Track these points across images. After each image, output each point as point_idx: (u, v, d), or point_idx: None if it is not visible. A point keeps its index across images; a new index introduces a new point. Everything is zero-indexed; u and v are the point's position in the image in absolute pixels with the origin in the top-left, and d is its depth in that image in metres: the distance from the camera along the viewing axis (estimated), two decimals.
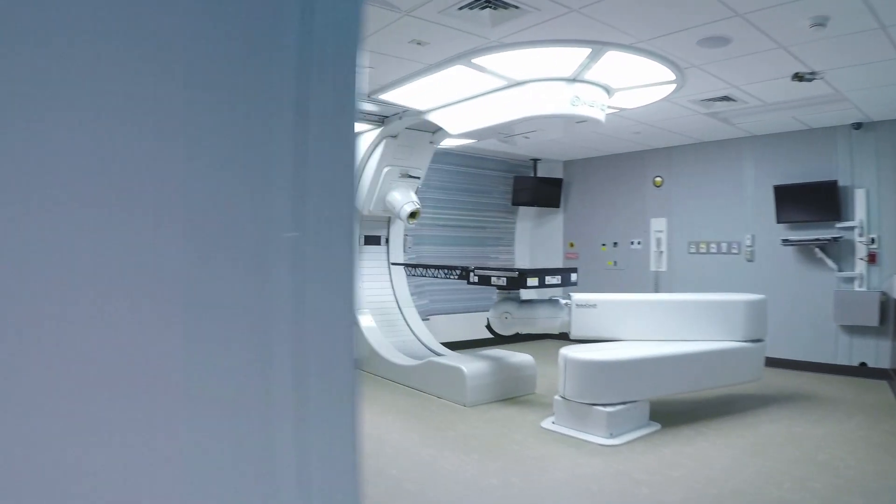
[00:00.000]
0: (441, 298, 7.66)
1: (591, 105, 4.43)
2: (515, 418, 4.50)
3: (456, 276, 5.21)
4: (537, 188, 8.35)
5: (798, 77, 4.21)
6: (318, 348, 0.75)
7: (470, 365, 4.99)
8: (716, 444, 3.85)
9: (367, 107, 5.43)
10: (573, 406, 4.15)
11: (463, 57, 4.01)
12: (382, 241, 6.81)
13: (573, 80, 4.34)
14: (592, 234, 8.23)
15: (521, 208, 8.55)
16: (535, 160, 8.48)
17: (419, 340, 6.39)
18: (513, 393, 5.12)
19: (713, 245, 7.00)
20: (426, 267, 5.72)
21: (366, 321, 6.18)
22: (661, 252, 7.44)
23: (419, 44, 3.80)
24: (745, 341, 4.56)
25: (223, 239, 0.70)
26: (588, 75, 4.27)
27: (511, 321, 4.94)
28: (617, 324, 4.74)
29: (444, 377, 5.07)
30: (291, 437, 0.76)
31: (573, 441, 3.95)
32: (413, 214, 6.13)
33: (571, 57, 3.96)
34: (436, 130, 6.09)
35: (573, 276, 4.94)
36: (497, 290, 5.03)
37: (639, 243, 7.70)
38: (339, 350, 0.78)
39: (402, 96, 4.95)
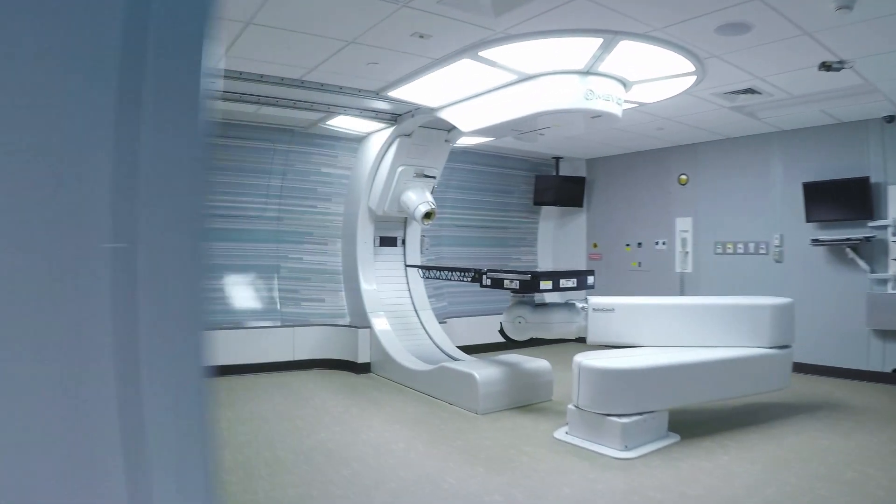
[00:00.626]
0: (461, 301, 7.52)
1: (607, 99, 4.23)
2: (528, 428, 4.33)
3: (469, 279, 5.06)
4: (559, 187, 8.13)
5: (825, 66, 3.91)
6: (153, 364, 0.64)
7: (483, 371, 4.84)
8: (737, 458, 3.61)
9: (379, 104, 5.34)
10: (587, 416, 3.96)
11: (469, 50, 3.86)
12: (399, 242, 6.71)
13: (587, 73, 4.14)
14: (616, 234, 7.98)
15: (544, 208, 8.35)
16: (558, 158, 8.25)
17: (435, 344, 6.26)
18: (528, 400, 4.95)
19: (740, 245, 6.69)
20: (439, 269, 5.59)
21: (380, 324, 6.09)
22: (687, 253, 7.14)
23: (421, 37, 3.68)
24: (772, 347, 4.29)
25: (23, 246, 0.58)
26: (602, 68, 4.08)
27: (525, 326, 4.77)
28: (635, 329, 4.52)
29: (456, 383, 4.93)
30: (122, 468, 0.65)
31: (586, 453, 3.76)
32: (428, 215, 6.01)
33: (582, 48, 3.77)
34: (451, 129, 5.97)
35: (590, 279, 4.73)
36: (511, 294, 4.87)
37: (663, 244, 7.41)
38: (180, 366, 0.66)
39: (411, 93, 4.84)
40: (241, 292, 6.16)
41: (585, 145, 7.41)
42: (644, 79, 4.35)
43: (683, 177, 7.19)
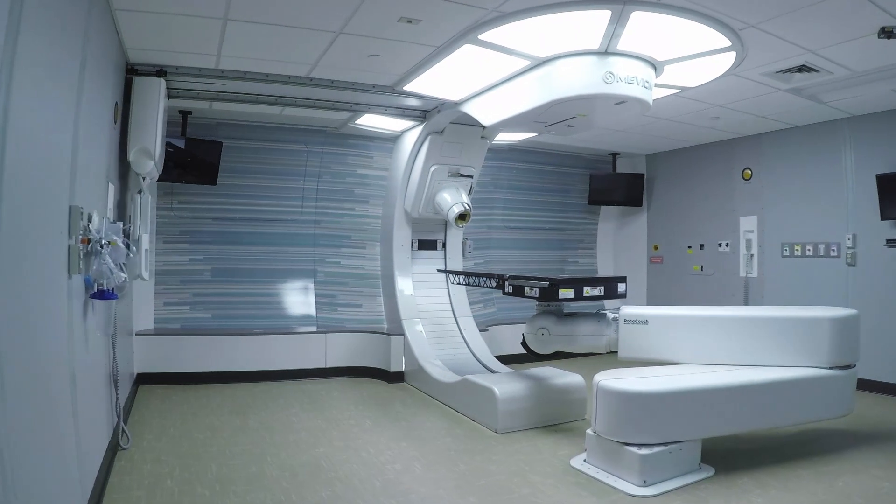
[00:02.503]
0: (511, 306, 7.11)
1: (630, 82, 3.71)
2: (545, 452, 3.91)
3: (493, 285, 4.70)
4: (616, 185, 7.51)
5: (886, 33, 3.17)
6: None
7: (504, 386, 4.47)
8: (776, 500, 3.01)
9: (401, 100, 5.12)
10: (605, 444, 3.49)
11: (467, 34, 3.54)
12: (439, 245, 6.46)
13: (605, 53, 3.66)
14: (677, 235, 7.26)
15: (603, 208, 7.74)
16: (615, 154, 7.62)
17: (472, 354, 5.94)
18: (557, 419, 4.51)
19: (809, 247, 5.85)
20: (467, 274, 5.27)
21: (413, 332, 5.86)
22: (752, 255, 6.28)
23: (409, 21, 3.41)
24: (831, 368, 3.60)
25: None
26: (622, 46, 3.58)
27: (548, 338, 4.34)
28: (673, 343, 3.96)
29: (477, 398, 4.60)
30: None
31: (598, 487, 3.30)
32: (462, 216, 5.71)
33: (591, 24, 3.31)
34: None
35: (621, 287, 4.20)
36: (537, 302, 4.46)
37: (727, 245, 6.59)
38: None
39: (427, 86, 4.59)
40: (278, 297, 6.19)
41: (643, 140, 6.77)
42: (673, 58, 3.78)
43: (748, 171, 6.35)
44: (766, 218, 6.32)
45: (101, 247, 3.01)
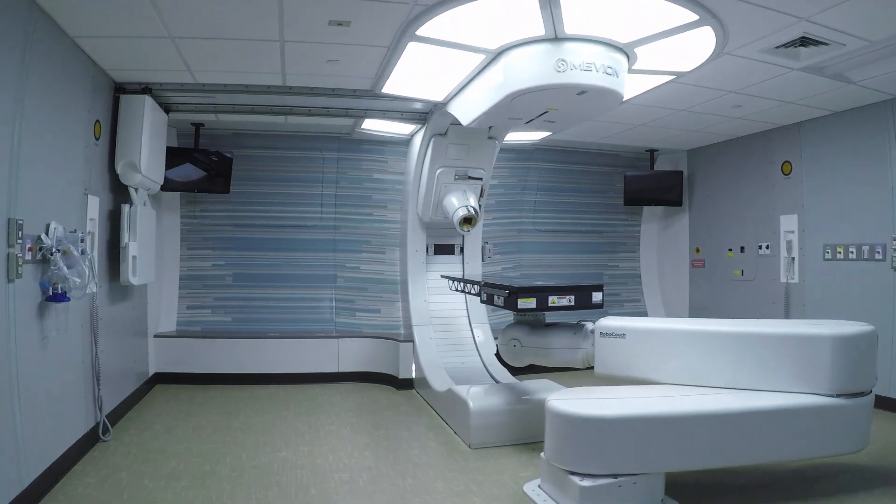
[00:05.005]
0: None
1: (587, 69, 3.44)
2: (507, 472, 3.72)
3: (475, 292, 4.56)
4: (653, 184, 6.97)
5: None
6: None
7: (480, 399, 4.32)
8: None
9: (400, 104, 5.12)
10: (554, 470, 3.26)
11: (405, 30, 3.48)
12: (457, 250, 6.38)
13: (555, 39, 3.43)
14: (719, 236, 6.61)
15: (647, 208, 7.21)
16: (652, 151, 7.05)
17: (482, 362, 5.80)
18: (539, 436, 4.22)
19: (852, 249, 5.06)
20: (464, 281, 5.16)
21: (421, 338, 5.83)
22: (793, 259, 5.50)
23: (340, 24, 3.42)
24: (837, 395, 3.06)
25: None
26: (571, 29, 3.33)
27: (520, 350, 4.14)
28: (651, 361, 3.60)
29: (457, 409, 4.49)
30: None
31: None
32: (468, 221, 5.59)
33: (523, 6, 3.12)
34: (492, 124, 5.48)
35: (596, 296, 3.88)
36: (514, 312, 4.25)
37: (767, 248, 5.84)
38: None
39: (404, 88, 4.57)
40: (297, 302, 6.44)
41: (677, 134, 6.25)
42: (638, 38, 3.45)
43: (787, 164, 5.60)
44: (807, 216, 5.60)
45: (52, 254, 3.35)
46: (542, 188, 7.05)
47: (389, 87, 4.55)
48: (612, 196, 7.19)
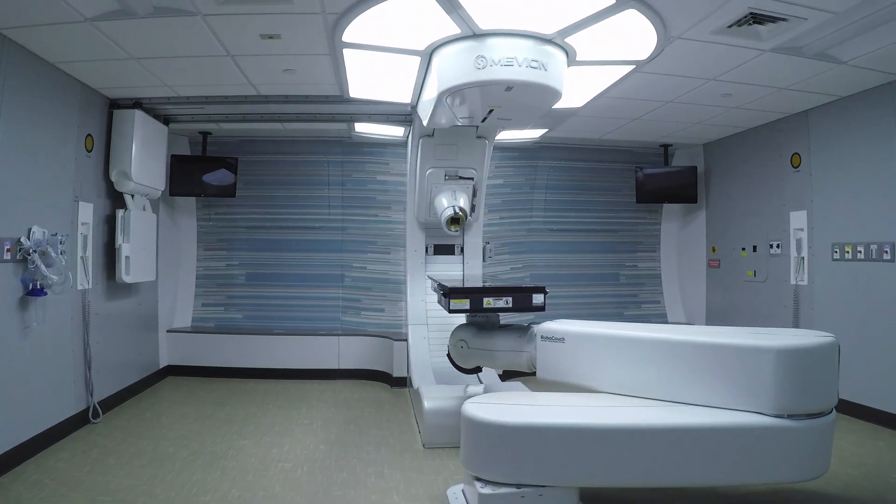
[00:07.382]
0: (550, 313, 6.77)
1: (508, 64, 3.44)
2: (442, 475, 3.79)
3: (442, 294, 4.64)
4: (665, 180, 6.66)
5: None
6: None
7: (436, 399, 4.42)
8: None
9: (381, 107, 5.32)
10: (467, 476, 3.30)
11: (332, 37, 3.66)
12: (457, 250, 6.46)
13: (475, 35, 3.48)
14: (731, 234, 6.24)
15: (667, 206, 6.91)
16: (666, 146, 6.73)
17: None
18: None
19: (860, 248, 4.61)
20: (432, 279, 5.27)
21: (414, 337, 5.99)
22: (802, 258, 5.04)
23: (271, 37, 3.67)
24: (787, 416, 2.83)
25: None
26: (489, 24, 3.36)
27: (468, 352, 4.18)
28: (588, 368, 3.50)
29: (419, 408, 4.61)
30: None
31: None
32: (455, 221, 5.67)
33: (428, 7, 3.20)
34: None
35: (536, 298, 3.85)
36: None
37: (777, 247, 5.39)
38: None
39: (369, 91, 4.77)
40: (306, 300, 6.80)
41: (685, 128, 5.94)
42: (563, 28, 3.39)
43: (797, 156, 5.16)
44: (816, 213, 5.18)
45: (28, 255, 3.86)
46: (551, 186, 6.97)
47: (356, 92, 4.76)
48: (627, 194, 6.97)
